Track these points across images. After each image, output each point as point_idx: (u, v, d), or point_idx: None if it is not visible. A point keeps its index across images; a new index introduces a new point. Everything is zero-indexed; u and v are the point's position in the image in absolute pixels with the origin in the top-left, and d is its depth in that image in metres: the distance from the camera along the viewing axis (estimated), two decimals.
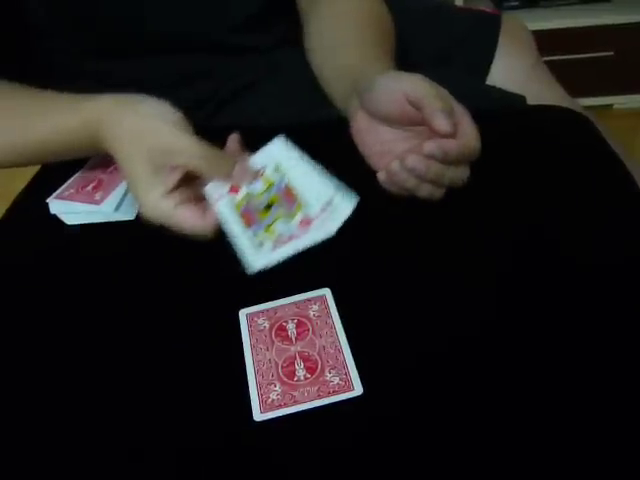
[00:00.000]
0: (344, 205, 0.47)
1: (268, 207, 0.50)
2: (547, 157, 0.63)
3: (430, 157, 0.45)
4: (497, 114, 0.70)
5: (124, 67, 0.70)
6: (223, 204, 0.51)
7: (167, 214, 0.51)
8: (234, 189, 0.52)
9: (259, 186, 0.51)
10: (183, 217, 0.51)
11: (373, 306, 0.50)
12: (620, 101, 1.76)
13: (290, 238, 0.47)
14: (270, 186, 0.51)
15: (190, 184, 0.52)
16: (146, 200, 0.51)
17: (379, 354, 0.47)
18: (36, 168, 0.77)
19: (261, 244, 0.48)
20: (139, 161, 0.51)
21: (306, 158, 0.52)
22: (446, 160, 0.46)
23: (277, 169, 0.52)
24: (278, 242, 0.47)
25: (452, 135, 0.45)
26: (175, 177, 0.51)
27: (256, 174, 0.52)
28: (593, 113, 0.87)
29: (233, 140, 0.57)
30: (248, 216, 0.50)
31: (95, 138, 0.55)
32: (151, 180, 0.51)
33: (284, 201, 0.50)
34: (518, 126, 0.67)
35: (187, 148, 0.51)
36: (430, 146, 0.45)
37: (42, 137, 0.60)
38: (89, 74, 0.70)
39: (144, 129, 0.52)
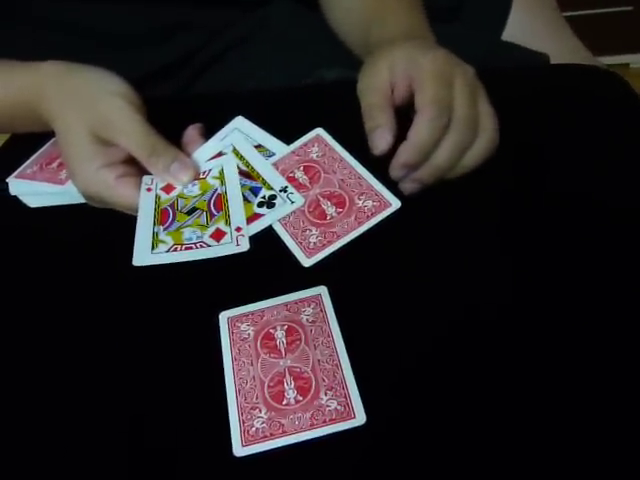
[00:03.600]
0: (283, 207, 0.46)
1: (191, 211, 0.47)
2: (578, 118, 0.54)
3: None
4: (520, 74, 0.61)
5: (93, 13, 0.60)
6: (147, 197, 0.48)
7: (106, 187, 0.46)
8: (168, 188, 0.49)
9: (194, 190, 0.49)
10: (122, 192, 0.46)
11: (379, 308, 0.42)
12: (638, 60, 1.65)
13: (195, 245, 0.45)
14: (205, 192, 0.48)
15: (134, 160, 0.48)
16: (83, 169, 0.46)
17: (386, 370, 0.39)
18: None
19: (157, 244, 0.45)
20: (78, 127, 0.46)
21: (267, 138, 0.51)
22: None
23: (221, 174, 0.49)
24: (178, 246, 0.45)
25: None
26: (119, 154, 0.46)
27: (195, 177, 0.49)
28: None
29: (193, 128, 0.52)
30: (165, 215, 0.47)
31: (34, 103, 0.49)
32: (91, 148, 0.46)
33: (209, 208, 0.47)
34: (544, 86, 0.58)
35: (130, 132, 0.45)
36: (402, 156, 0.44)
37: None
38: (40, 19, 0.59)
39: (88, 95, 0.46)
